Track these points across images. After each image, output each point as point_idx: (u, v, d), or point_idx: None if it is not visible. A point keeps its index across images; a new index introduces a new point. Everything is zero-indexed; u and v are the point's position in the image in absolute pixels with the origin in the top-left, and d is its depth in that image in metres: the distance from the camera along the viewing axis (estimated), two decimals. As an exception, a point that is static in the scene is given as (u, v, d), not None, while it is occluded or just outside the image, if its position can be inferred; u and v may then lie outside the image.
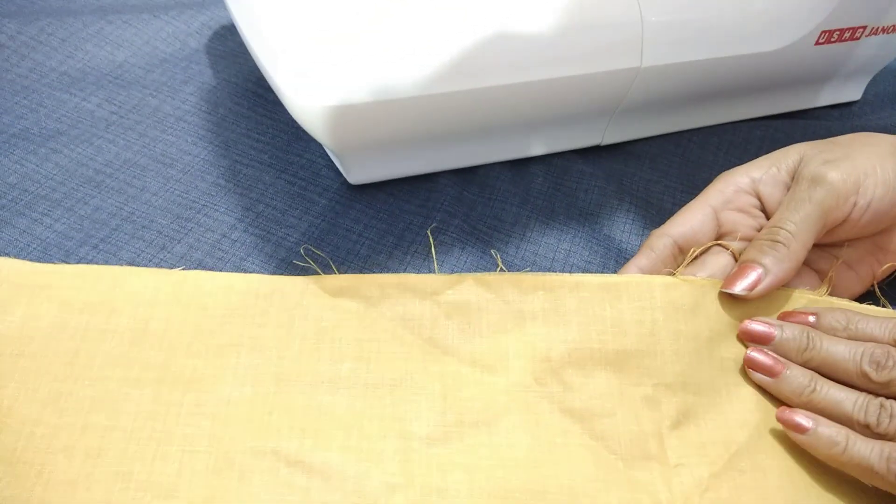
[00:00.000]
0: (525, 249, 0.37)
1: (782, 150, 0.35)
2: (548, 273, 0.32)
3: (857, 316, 0.30)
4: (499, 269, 0.35)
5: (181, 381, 0.28)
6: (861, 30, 0.44)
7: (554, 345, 0.30)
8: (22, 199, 0.34)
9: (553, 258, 0.36)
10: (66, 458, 0.26)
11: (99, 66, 0.41)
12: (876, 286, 0.34)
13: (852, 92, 0.50)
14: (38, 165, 0.35)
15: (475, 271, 0.35)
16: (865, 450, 0.26)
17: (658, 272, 0.33)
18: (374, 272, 0.34)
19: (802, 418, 0.28)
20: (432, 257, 0.34)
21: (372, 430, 0.28)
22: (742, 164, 0.35)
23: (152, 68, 0.42)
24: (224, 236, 0.34)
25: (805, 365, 0.30)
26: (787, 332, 0.30)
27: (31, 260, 0.31)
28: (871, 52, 0.46)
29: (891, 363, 0.28)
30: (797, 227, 0.30)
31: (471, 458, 0.27)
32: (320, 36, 0.32)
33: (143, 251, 0.33)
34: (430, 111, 0.34)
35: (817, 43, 0.43)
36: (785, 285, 0.32)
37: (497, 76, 0.34)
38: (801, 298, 0.32)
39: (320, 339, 0.30)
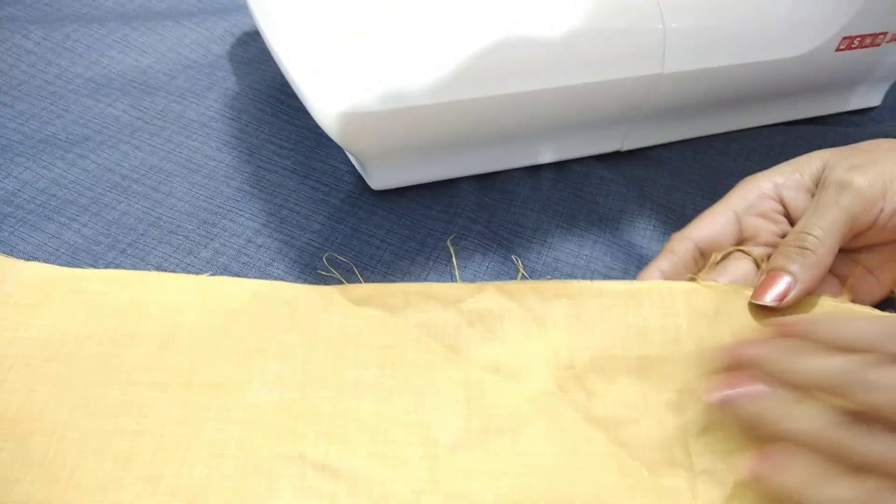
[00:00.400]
0: (546, 255, 0.37)
1: (805, 155, 0.35)
2: (569, 280, 0.32)
3: (853, 323, 0.26)
4: (520, 275, 0.35)
5: (209, 385, 0.28)
6: (882, 35, 0.44)
7: (577, 352, 0.30)
8: (50, 204, 0.34)
9: (574, 264, 0.36)
10: (96, 461, 0.26)
11: (124, 72, 0.42)
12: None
13: (872, 98, 0.50)
14: (65, 171, 0.36)
15: (497, 277, 0.35)
16: (845, 490, 0.23)
17: (679, 276, 0.33)
18: (397, 278, 0.34)
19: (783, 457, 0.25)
20: (454, 266, 0.35)
21: (397, 435, 0.28)
22: (763, 169, 0.36)
23: (176, 74, 0.42)
24: (249, 241, 0.34)
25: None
26: (819, 367, 0.25)
27: (60, 265, 0.32)
28: (892, 58, 0.46)
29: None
30: (824, 233, 0.30)
31: (496, 465, 0.28)
32: (344, 41, 0.32)
33: (170, 256, 0.33)
34: (451, 118, 0.34)
35: (838, 49, 0.43)
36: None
37: (517, 83, 0.35)
38: (826, 304, 0.32)
39: (345, 346, 0.30)
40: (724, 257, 0.34)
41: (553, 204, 0.39)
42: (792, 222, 0.34)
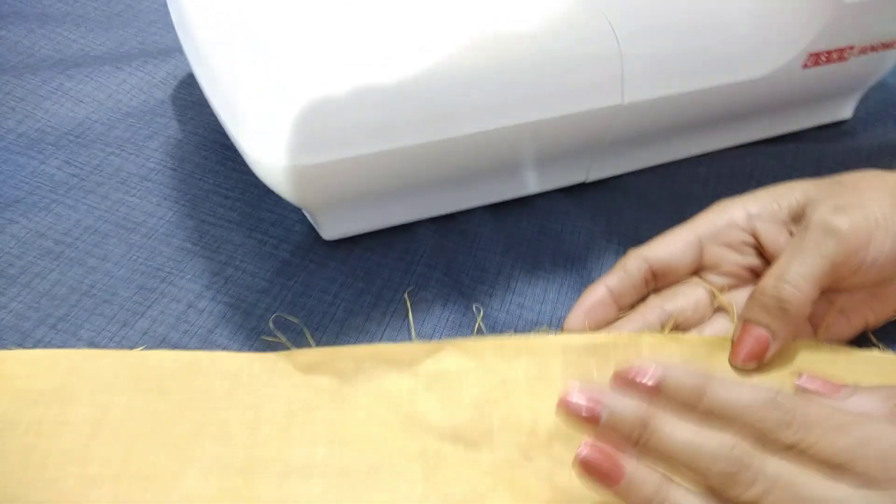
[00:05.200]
0: (510, 302, 0.35)
1: (785, 185, 0.33)
2: (531, 335, 0.30)
3: (716, 387, 0.23)
4: (476, 327, 0.33)
5: (141, 477, 0.26)
6: (849, 50, 0.42)
7: (541, 415, 0.28)
8: (-24, 277, 0.32)
9: (540, 311, 0.35)
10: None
11: (59, 125, 0.39)
12: (871, 333, 0.32)
13: (843, 111, 0.49)
14: (-8, 238, 0.34)
15: (458, 329, 0.33)
16: None
17: (627, 294, 0.32)
18: (350, 337, 0.32)
19: None
20: (409, 323, 0.33)
21: (349, 520, 0.26)
22: (731, 195, 0.34)
23: (115, 124, 0.40)
24: (190, 306, 0.32)
25: (643, 456, 0.24)
26: (617, 410, 0.23)
27: (-16, 345, 0.30)
28: (861, 71, 0.45)
29: (743, 486, 0.22)
30: (804, 282, 0.28)
31: (455, 548, 0.26)
32: (282, 92, 0.30)
33: (103, 328, 0.31)
34: (404, 163, 0.33)
35: (804, 66, 0.41)
36: None
37: (472, 123, 0.33)
38: (798, 346, 0.30)
39: (291, 422, 0.28)
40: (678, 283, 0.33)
41: (517, 244, 0.37)
42: (763, 255, 0.32)
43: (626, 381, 0.24)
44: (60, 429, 0.27)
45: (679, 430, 0.23)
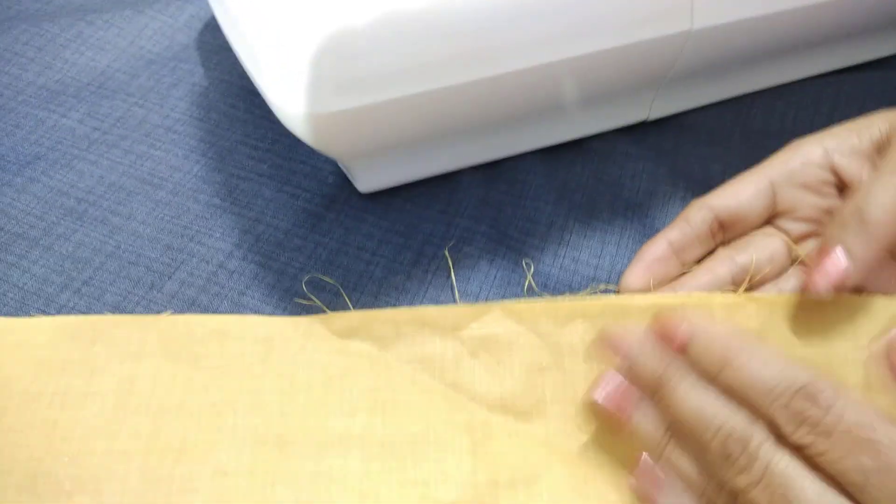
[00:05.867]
0: (564, 256, 0.32)
1: (866, 117, 0.29)
2: (587, 297, 0.27)
3: (740, 361, 0.22)
4: (527, 285, 0.30)
5: (171, 450, 0.25)
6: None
7: (599, 384, 0.25)
8: (-2, 240, 0.31)
9: (597, 265, 0.31)
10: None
11: (79, 76, 0.37)
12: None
13: (942, 32, 0.43)
14: (13, 199, 0.32)
15: (506, 288, 0.30)
16: None
17: (691, 248, 0.29)
18: (390, 298, 0.30)
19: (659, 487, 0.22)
20: (452, 283, 0.30)
21: (391, 497, 0.24)
22: (812, 130, 0.30)
23: (138, 73, 0.38)
24: (220, 267, 0.30)
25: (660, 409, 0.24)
26: (639, 362, 0.24)
27: (9, 311, 0.28)
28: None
29: (736, 469, 0.21)
30: (890, 200, 0.25)
31: (508, 528, 0.23)
32: (301, 31, 0.27)
33: (130, 292, 0.29)
34: (439, 107, 0.29)
35: (899, -20, 0.36)
36: (868, 291, 0.27)
37: (521, 58, 0.29)
38: (891, 307, 0.27)
39: (328, 390, 0.26)
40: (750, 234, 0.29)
41: (570, 192, 0.34)
42: (844, 196, 0.29)
43: (659, 335, 0.24)
44: (85, 401, 0.25)
45: (693, 395, 0.22)
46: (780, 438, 0.21)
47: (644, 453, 0.23)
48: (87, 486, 0.24)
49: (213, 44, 0.39)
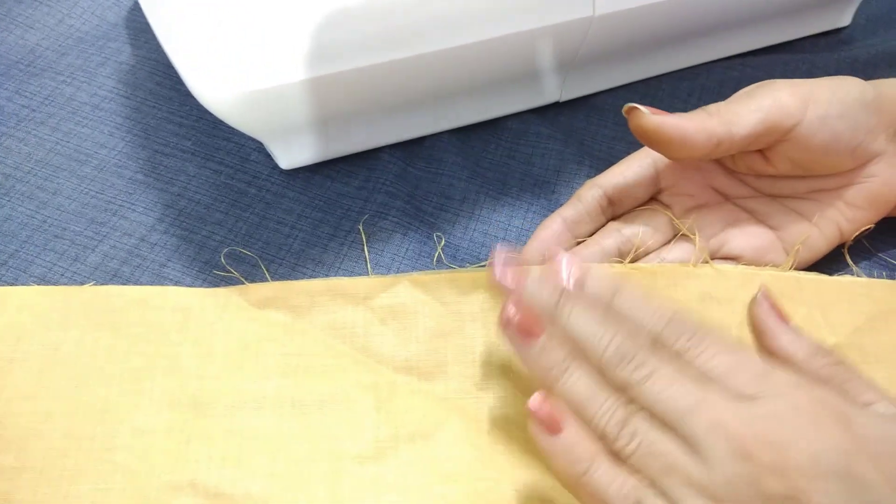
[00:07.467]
0: (474, 230, 0.34)
1: (746, 90, 0.31)
2: (487, 268, 0.29)
3: (628, 292, 0.24)
4: (436, 256, 0.32)
5: (93, 411, 0.26)
6: (847, -50, 0.39)
7: (494, 347, 0.28)
8: (-74, 214, 0.32)
9: (504, 238, 0.34)
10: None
11: (8, 53, 0.38)
12: (846, 251, 0.31)
13: (841, 17, 0.45)
14: (-60, 175, 0.33)
15: (419, 259, 0.32)
16: (605, 480, 0.21)
17: (582, 224, 0.31)
18: (307, 270, 0.32)
19: (561, 416, 0.23)
20: (365, 256, 0.32)
21: (300, 452, 0.26)
22: None
23: (67, 51, 0.38)
24: (142, 240, 0.32)
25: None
26: (536, 288, 0.25)
27: (-64, 284, 0.29)
28: (861, -28, 0.42)
29: (632, 367, 0.22)
30: (728, 109, 0.28)
31: (405, 477, 0.26)
32: (223, 18, 0.28)
33: (55, 264, 0.31)
34: (358, 87, 0.31)
35: (797, -32, 0.38)
36: (746, 261, 0.30)
37: (431, 41, 0.31)
38: (762, 275, 0.29)
39: (243, 356, 0.28)
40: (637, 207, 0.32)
41: (483, 169, 0.36)
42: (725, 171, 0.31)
43: (549, 275, 0.25)
44: (11, 366, 0.27)
45: (589, 314, 0.24)
46: (658, 350, 0.23)
47: (537, 393, 0.24)
48: (12, 445, 0.25)
49: (141, 22, 0.40)
